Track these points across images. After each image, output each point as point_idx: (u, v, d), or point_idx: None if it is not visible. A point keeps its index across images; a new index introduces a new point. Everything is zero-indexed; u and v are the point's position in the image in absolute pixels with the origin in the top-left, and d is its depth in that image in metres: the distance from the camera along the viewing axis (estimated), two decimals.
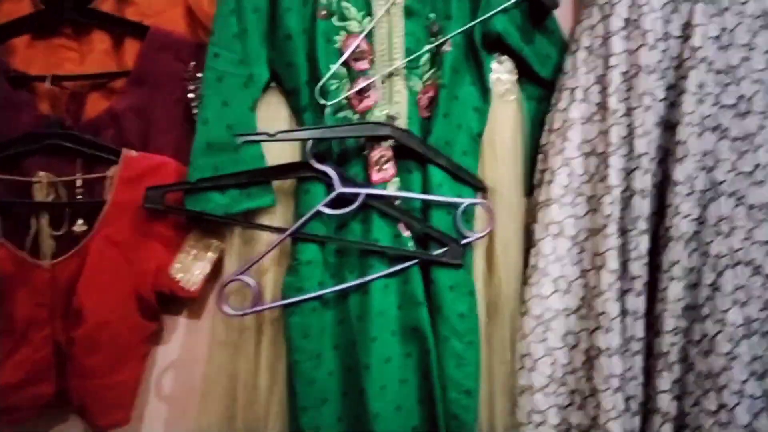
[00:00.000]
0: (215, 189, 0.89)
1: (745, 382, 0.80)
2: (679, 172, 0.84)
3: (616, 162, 0.85)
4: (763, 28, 0.87)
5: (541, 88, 0.99)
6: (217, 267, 0.96)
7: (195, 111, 0.92)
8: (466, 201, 0.90)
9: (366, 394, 0.86)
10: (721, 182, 0.86)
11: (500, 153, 0.95)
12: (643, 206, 0.85)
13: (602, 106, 0.88)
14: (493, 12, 0.92)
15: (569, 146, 0.89)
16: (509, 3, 0.93)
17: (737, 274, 0.83)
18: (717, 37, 0.87)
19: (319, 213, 0.88)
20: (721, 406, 0.80)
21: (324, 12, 0.91)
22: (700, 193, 0.85)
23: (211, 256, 0.94)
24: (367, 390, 0.86)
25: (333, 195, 0.88)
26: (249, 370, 0.91)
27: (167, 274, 0.93)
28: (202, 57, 0.92)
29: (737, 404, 0.80)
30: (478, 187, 0.94)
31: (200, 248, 0.94)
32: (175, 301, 0.98)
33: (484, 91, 0.94)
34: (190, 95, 0.94)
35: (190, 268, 0.93)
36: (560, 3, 0.95)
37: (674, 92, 0.87)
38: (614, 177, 0.85)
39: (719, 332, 0.80)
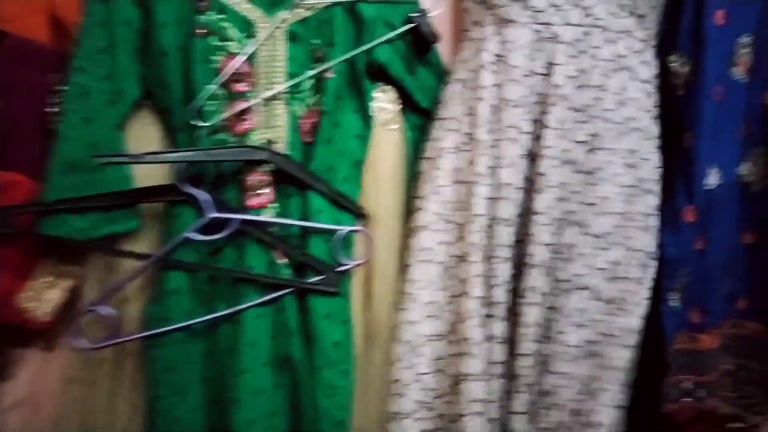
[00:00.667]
0: (74, 211, 0.83)
1: (578, 401, 0.85)
2: (539, 203, 0.88)
3: (481, 191, 0.88)
4: (615, 71, 0.93)
5: (423, 118, 1.00)
6: (76, 296, 0.88)
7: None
8: (345, 228, 0.90)
9: (233, 429, 0.82)
10: (572, 212, 0.91)
11: (382, 180, 0.96)
12: (505, 234, 0.88)
13: (471, 137, 0.91)
14: (376, 42, 0.94)
15: (440, 174, 0.91)
16: (393, 34, 0.95)
17: (578, 299, 0.88)
18: (575, 77, 0.92)
19: (188, 240, 0.84)
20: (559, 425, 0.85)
21: (203, 30, 0.88)
22: (556, 222, 0.90)
23: (66, 284, 0.86)
24: (235, 425, 0.82)
25: (204, 220, 0.84)
26: (106, 409, 0.84)
27: (15, 303, 0.84)
28: (66, 69, 0.87)
29: (569, 422, 0.85)
30: (359, 213, 0.94)
31: (55, 275, 0.86)
32: (24, 333, 0.89)
33: (366, 118, 0.95)
34: (51, 109, 0.87)
35: (42, 296, 0.85)
36: (441, 38, 0.98)
37: (538, 126, 0.92)
38: (479, 206, 0.88)
39: (556, 352, 0.86)
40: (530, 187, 0.91)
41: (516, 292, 0.88)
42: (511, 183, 0.89)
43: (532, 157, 0.91)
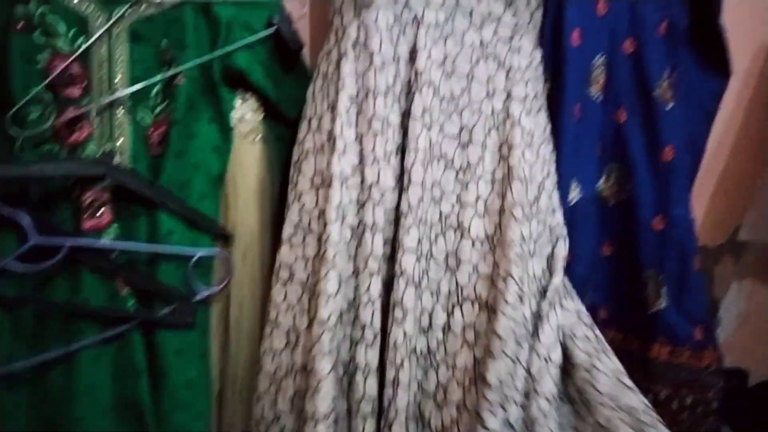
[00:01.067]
0: None
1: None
2: (404, 202, 0.80)
3: (336, 195, 0.79)
4: (481, 58, 0.87)
5: (290, 129, 0.94)
6: None
7: None
8: (200, 251, 0.81)
9: None
10: (447, 215, 0.84)
11: (243, 197, 0.88)
12: (373, 243, 0.79)
13: (331, 134, 0.82)
14: (233, 47, 0.86)
15: (302, 180, 0.83)
16: (252, 38, 0.88)
17: (466, 312, 0.79)
18: (441, 63, 0.86)
19: (7, 269, 0.72)
20: None
21: (22, 23, 0.76)
22: (427, 227, 0.82)
23: None
24: None
25: (25, 247, 0.72)
26: None
27: None
28: None
29: None
30: (218, 234, 0.86)
31: None
32: None
33: (224, 129, 0.87)
34: None
35: None
36: (304, 44, 0.93)
37: (407, 117, 0.84)
38: (334, 212, 0.78)
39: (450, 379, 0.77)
40: (404, 185, 0.81)
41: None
42: (377, 182, 0.80)
43: (403, 152, 0.82)
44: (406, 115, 0.84)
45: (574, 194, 1.03)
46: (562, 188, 1.00)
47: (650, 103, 1.10)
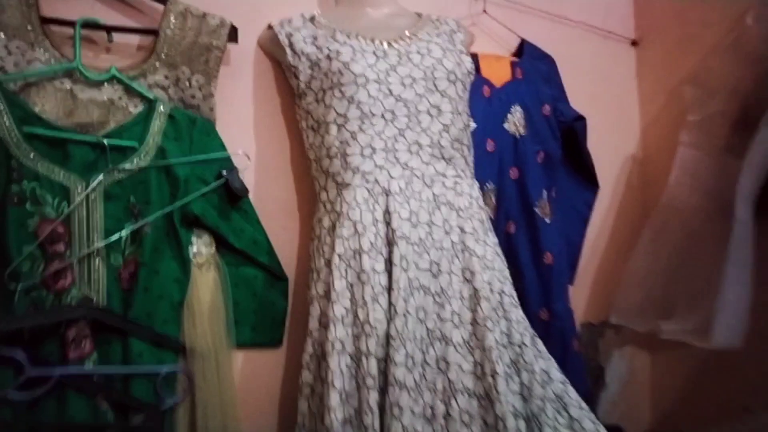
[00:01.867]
0: None
1: None
2: (393, 328, 1.01)
3: (338, 331, 1.02)
4: (436, 208, 1.12)
5: (237, 255, 1.15)
6: None
7: None
8: (164, 368, 1.00)
9: None
10: (432, 330, 1.07)
11: (199, 317, 1.08)
12: (368, 365, 1.00)
13: (328, 285, 1.06)
14: (190, 197, 1.07)
15: (312, 320, 1.09)
16: (205, 189, 1.09)
17: (461, 402, 1.02)
18: (408, 219, 1.10)
19: (6, 398, 0.88)
20: None
21: (16, 199, 0.94)
22: (418, 342, 1.04)
23: None
24: None
25: (22, 379, 0.89)
26: None
27: None
28: None
29: None
30: (178, 349, 1.05)
31: None
32: None
33: (184, 263, 1.07)
34: None
35: None
36: (248, 191, 1.14)
37: (389, 264, 1.07)
38: (329, 345, 1.01)
39: None
40: (390, 317, 1.03)
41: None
42: (369, 320, 1.01)
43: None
44: (388, 262, 1.07)
45: None
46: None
47: (533, 218, 1.37)
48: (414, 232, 1.09)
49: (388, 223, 1.09)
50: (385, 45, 1.16)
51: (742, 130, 1.34)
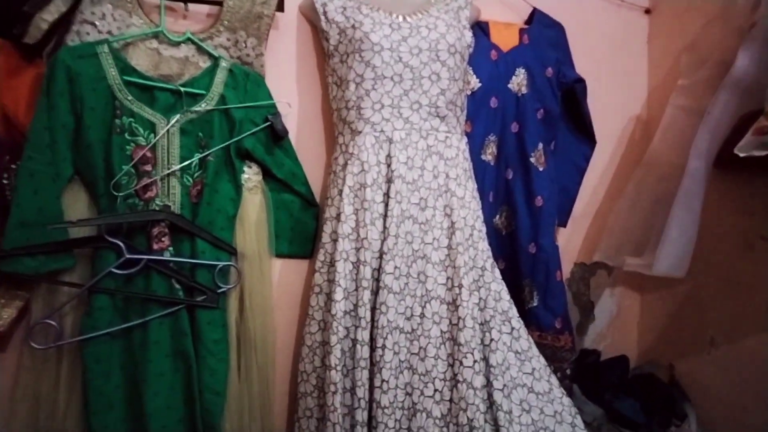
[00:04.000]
0: (26, 255, 1.20)
1: None
2: (385, 246, 1.30)
3: (340, 245, 1.31)
4: (428, 156, 1.39)
5: (279, 183, 1.46)
6: (22, 312, 1.25)
7: (9, 196, 1.21)
8: (220, 264, 1.33)
9: (144, 399, 1.23)
10: (417, 250, 1.35)
11: (248, 228, 1.40)
12: (365, 271, 1.30)
13: (339, 209, 1.35)
14: (243, 135, 1.38)
15: (324, 235, 1.40)
16: (256, 130, 1.40)
17: (434, 306, 1.32)
18: (405, 162, 1.37)
19: (110, 273, 1.24)
20: None
21: (118, 129, 1.28)
22: (405, 258, 1.33)
23: (18, 304, 1.23)
24: (145, 396, 1.23)
25: (121, 260, 1.24)
26: (50, 391, 1.22)
27: None
28: (16, 153, 1.23)
29: None
30: (231, 252, 1.38)
31: (8, 298, 1.23)
32: None
33: (237, 186, 1.39)
34: (5, 182, 1.22)
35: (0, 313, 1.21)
36: (288, 132, 1.44)
37: (387, 197, 1.35)
38: (338, 255, 1.31)
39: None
40: (384, 237, 1.33)
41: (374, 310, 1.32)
42: (367, 237, 1.30)
43: (385, 217, 1.33)
44: (386, 195, 1.36)
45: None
46: None
47: (527, 166, 1.60)
48: (409, 173, 1.36)
49: (388, 165, 1.36)
50: (400, 18, 1.40)
51: None
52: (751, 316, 1.53)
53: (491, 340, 1.32)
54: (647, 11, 1.86)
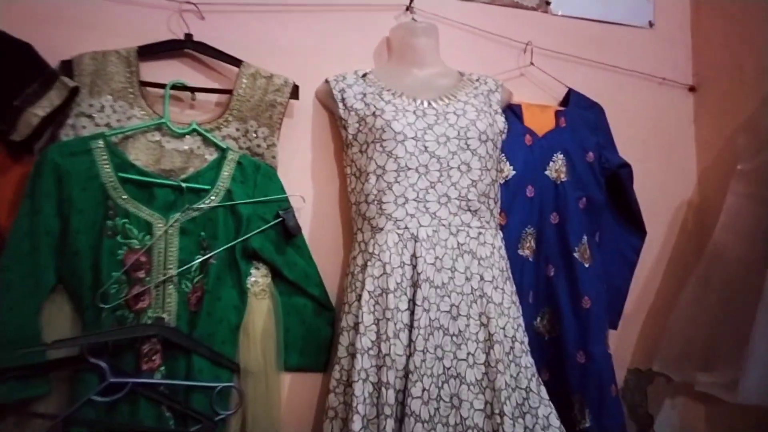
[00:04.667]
0: None
1: None
2: (411, 364, 1.12)
3: (359, 363, 1.13)
4: (459, 255, 1.22)
5: (290, 286, 1.29)
6: None
7: None
8: (219, 385, 1.15)
9: None
10: (449, 368, 1.16)
11: (253, 340, 1.22)
12: (387, 395, 1.11)
13: (357, 318, 1.17)
14: (251, 234, 1.23)
15: (340, 348, 1.20)
16: (265, 227, 1.25)
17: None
18: (433, 264, 1.20)
19: (90, 401, 1.06)
20: None
21: (110, 232, 1.14)
22: (435, 378, 1.14)
23: None
24: None
25: (103, 385, 1.06)
26: None
27: None
28: None
29: None
30: (233, 369, 1.19)
31: None
32: None
33: (242, 292, 1.23)
34: None
35: None
36: (301, 230, 1.29)
37: (413, 304, 1.18)
38: (356, 374, 1.12)
39: None
40: (409, 353, 1.14)
41: None
42: (390, 353, 1.12)
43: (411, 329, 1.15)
44: (411, 302, 1.19)
45: None
46: None
47: (571, 262, 1.42)
48: (437, 276, 1.20)
49: (414, 267, 1.20)
50: (425, 104, 1.28)
51: None
52: None
53: None
54: (691, 89, 1.72)
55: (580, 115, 1.54)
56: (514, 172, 1.41)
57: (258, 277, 1.27)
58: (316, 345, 1.32)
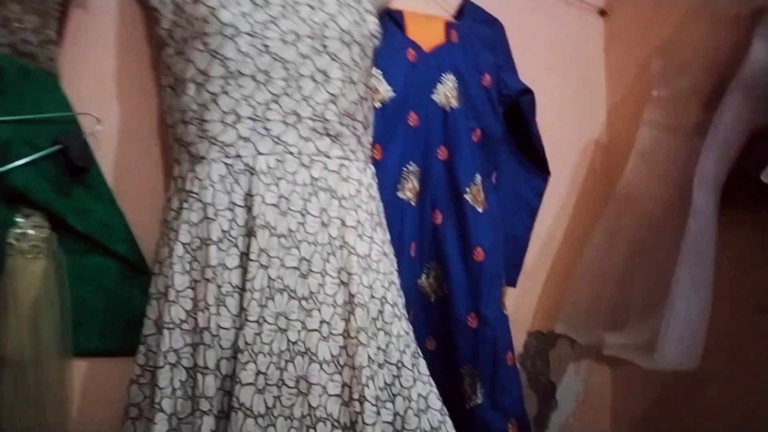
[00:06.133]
0: None
1: None
2: (241, 339, 0.83)
3: (165, 341, 0.83)
4: (313, 194, 0.92)
5: (82, 241, 0.93)
6: None
7: None
8: None
9: None
10: (295, 343, 0.87)
11: (14, 317, 0.86)
12: (204, 384, 0.82)
13: (167, 282, 0.86)
14: (11, 166, 0.86)
15: (148, 323, 0.88)
16: (35, 156, 0.88)
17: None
18: (275, 204, 0.90)
19: None
20: None
21: None
22: (275, 357, 0.85)
23: None
24: None
25: None
26: None
27: None
28: None
29: None
30: None
31: None
32: None
33: None
34: None
35: None
36: (93, 161, 0.93)
37: (245, 260, 0.88)
38: (160, 358, 0.83)
39: None
40: (239, 324, 0.85)
41: None
42: (209, 327, 0.83)
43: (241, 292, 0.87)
44: (244, 257, 0.88)
45: None
46: None
47: (461, 206, 1.17)
48: (282, 221, 0.89)
49: (248, 209, 0.88)
50: None
51: (715, 109, 1.12)
52: (763, 403, 1.13)
53: None
54: (602, 12, 1.50)
55: (476, 30, 1.26)
56: (393, 95, 1.11)
57: (28, 229, 0.90)
58: (123, 321, 0.96)
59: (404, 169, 1.13)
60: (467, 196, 1.15)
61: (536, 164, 1.31)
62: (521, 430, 1.17)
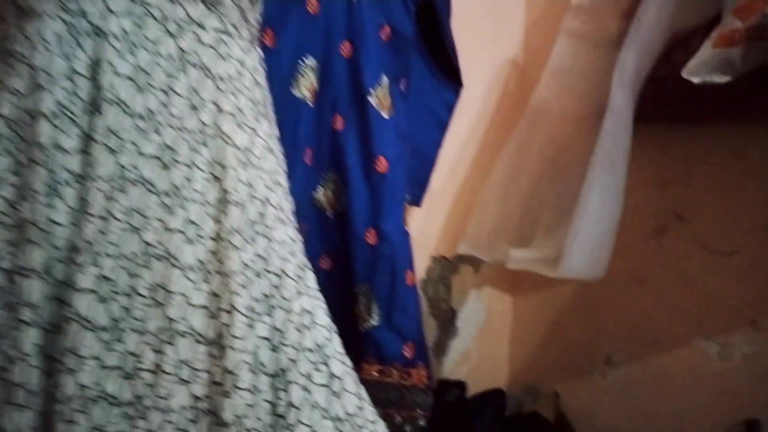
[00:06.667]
0: None
1: None
2: (79, 238, 0.69)
3: None
4: (181, 70, 0.77)
5: None
6: None
7: None
8: None
9: None
10: (152, 244, 0.73)
11: None
12: (27, 290, 0.68)
13: None
14: None
15: None
16: None
17: (181, 348, 0.72)
18: (130, 78, 0.74)
19: None
20: None
21: None
22: (126, 261, 0.71)
23: None
24: None
25: None
26: None
27: None
28: None
29: None
30: None
31: None
32: None
33: None
34: None
35: None
36: None
37: (87, 141, 0.72)
38: None
39: None
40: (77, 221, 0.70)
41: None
42: (36, 221, 0.69)
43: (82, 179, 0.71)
44: (86, 137, 0.72)
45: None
46: None
47: (365, 109, 1.05)
48: (138, 98, 0.74)
49: (93, 79, 0.72)
50: None
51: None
52: (660, 325, 1.15)
53: (289, 404, 0.75)
54: None
55: None
56: None
57: None
58: None
59: (300, 62, 1.00)
60: (372, 99, 1.04)
61: (448, 74, 1.22)
62: (418, 354, 1.12)
